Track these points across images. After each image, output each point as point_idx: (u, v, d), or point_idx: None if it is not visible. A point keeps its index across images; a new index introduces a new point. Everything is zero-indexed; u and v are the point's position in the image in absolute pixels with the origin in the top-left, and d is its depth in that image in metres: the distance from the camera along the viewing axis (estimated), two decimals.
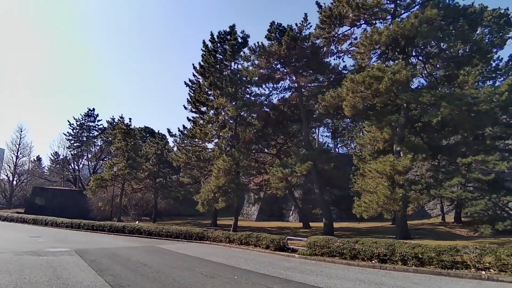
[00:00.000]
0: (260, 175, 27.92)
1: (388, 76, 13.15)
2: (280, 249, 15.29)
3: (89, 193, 31.53)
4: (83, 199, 43.55)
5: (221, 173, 22.73)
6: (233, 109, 22.80)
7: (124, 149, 33.22)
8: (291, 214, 44.54)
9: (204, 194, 22.93)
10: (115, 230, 24.44)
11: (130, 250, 14.83)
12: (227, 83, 24.07)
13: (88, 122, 60.53)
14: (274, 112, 25.11)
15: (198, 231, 20.23)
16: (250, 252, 15.67)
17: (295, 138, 31.82)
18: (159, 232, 21.96)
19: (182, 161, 31.65)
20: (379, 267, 10.81)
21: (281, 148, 32.16)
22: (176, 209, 48.62)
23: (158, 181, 36.79)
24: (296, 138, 31.67)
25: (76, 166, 57.02)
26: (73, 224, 28.11)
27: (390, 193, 12.85)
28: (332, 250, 12.64)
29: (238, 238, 17.71)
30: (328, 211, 22.30)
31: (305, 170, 18.37)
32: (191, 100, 30.95)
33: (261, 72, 22.48)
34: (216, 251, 15.69)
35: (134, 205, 42.30)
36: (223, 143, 24.72)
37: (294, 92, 24.75)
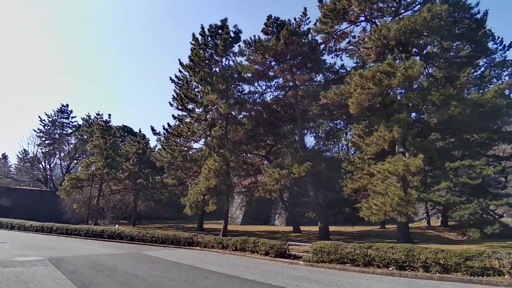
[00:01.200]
0: (249, 177, 26.69)
1: (400, 72, 12.52)
2: (280, 256, 14.16)
3: (63, 194, 28.94)
4: (55, 200, 40.37)
5: (211, 174, 21.33)
6: (225, 106, 21.50)
7: (103, 147, 30.91)
8: (277, 217, 43.63)
9: (193, 196, 21.41)
10: (92, 234, 22.34)
11: (113, 258, 13.14)
12: (218, 79, 22.76)
13: (61, 118, 56.73)
14: (267, 111, 24.06)
15: (187, 236, 18.71)
16: (248, 259, 14.42)
17: (286, 140, 30.94)
18: (142, 237, 20.20)
19: (166, 161, 29.84)
20: (399, 274, 9.93)
21: (270, 149, 31.15)
22: (156, 212, 46.35)
23: (139, 182, 34.65)
24: (287, 139, 30.80)
25: (47, 165, 53.11)
26: (44, 227, 25.59)
27: (404, 195, 12.15)
28: (343, 256, 11.68)
29: (232, 244, 16.41)
30: (323, 214, 21.46)
31: (303, 171, 17.43)
32: (178, 96, 29.31)
33: (255, 68, 21.37)
34: (211, 258, 14.31)
35: (112, 208, 39.76)
36: (213, 142, 23.30)
37: (288, 91, 23.85)
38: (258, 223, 42.51)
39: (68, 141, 56.14)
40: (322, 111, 23.20)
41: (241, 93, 24.73)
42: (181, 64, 31.14)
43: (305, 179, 22.42)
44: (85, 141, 54.28)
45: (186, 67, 25.20)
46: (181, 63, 31.14)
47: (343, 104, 20.64)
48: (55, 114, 55.90)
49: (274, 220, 44.48)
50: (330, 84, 21.18)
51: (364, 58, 16.83)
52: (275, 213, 45.24)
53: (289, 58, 21.54)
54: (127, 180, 33.27)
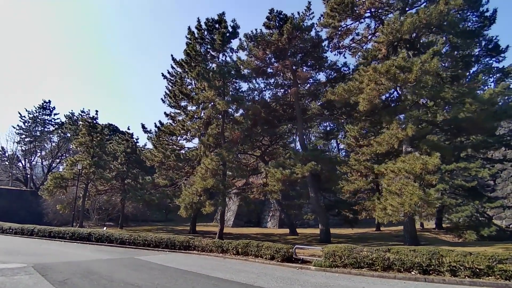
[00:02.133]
0: (245, 178, 25.77)
1: (417, 66, 11.97)
2: (287, 260, 13.31)
3: (45, 194, 27.09)
4: (36, 200, 38.16)
5: (208, 174, 20.27)
6: (223, 103, 20.50)
7: (89, 145, 29.20)
8: (269, 220, 42.79)
9: (188, 197, 20.26)
10: (79, 237, 20.81)
11: (106, 264, 11.92)
12: (215, 75, 21.74)
13: (42, 115, 54.02)
14: (265, 110, 23.20)
15: (183, 240, 17.57)
16: (252, 264, 13.47)
17: (282, 140, 30.20)
18: (134, 241, 18.91)
19: (157, 160, 28.50)
20: (424, 279, 9.26)
21: (266, 150, 30.33)
22: (143, 214, 44.67)
23: (127, 182, 33.05)
24: (283, 139, 30.07)
25: (27, 164, 50.30)
26: (25, 230, 23.79)
27: (424, 195, 11.60)
28: (358, 260, 10.94)
29: (234, 247, 15.42)
30: (324, 216, 20.77)
31: (307, 171, 16.66)
32: (171, 93, 28.07)
33: (256, 64, 20.47)
34: (212, 263, 13.29)
35: (97, 209, 37.88)
36: (209, 140, 22.21)
37: (287, 89, 23.07)
38: (249, 226, 41.61)
39: (51, 139, 53.46)
40: (321, 111, 22.57)
41: (237, 91, 23.79)
42: (173, 60, 29.94)
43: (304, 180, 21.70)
44: (68, 140, 51.89)
45: (181, 62, 24.07)
46: (174, 59, 29.93)
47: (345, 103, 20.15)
48: (36, 110, 53.21)
49: (266, 222, 43.64)
50: (332, 82, 20.56)
51: (372, 54, 16.24)
52: (266, 215, 44.41)
53: (290, 55, 20.79)
54: (115, 180, 31.65)
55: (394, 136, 13.06)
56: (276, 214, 41.49)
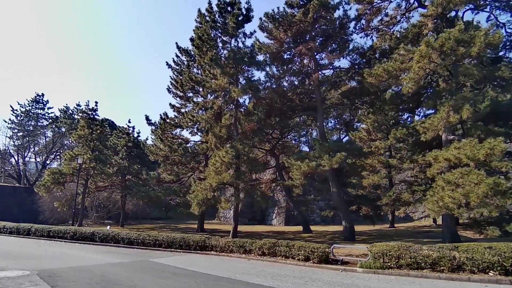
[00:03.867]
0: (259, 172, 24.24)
1: (480, 38, 10.58)
2: (325, 261, 11.86)
3: (42, 190, 25.18)
4: (30, 198, 36.11)
5: (223, 168, 18.70)
6: (238, 91, 18.91)
7: (88, 138, 27.30)
8: (274, 217, 41.42)
9: (201, 193, 18.66)
10: (81, 237, 19.12)
11: (122, 269, 10.31)
12: (228, 61, 20.14)
13: (36, 109, 51.59)
14: (280, 99, 21.62)
15: (199, 239, 15.99)
16: (285, 266, 11.98)
17: (293, 133, 28.71)
18: (143, 241, 17.28)
19: (162, 154, 26.82)
20: (509, 281, 7.88)
21: (276, 143, 28.83)
22: (143, 212, 42.91)
23: (128, 178, 31.27)
24: (294, 132, 28.57)
25: (20, 159, 47.94)
26: (21, 229, 21.98)
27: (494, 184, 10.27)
28: (418, 260, 9.53)
29: (259, 248, 13.91)
30: (348, 212, 19.35)
31: (336, 162, 15.18)
32: (177, 83, 26.34)
33: (276, 48, 18.80)
34: (240, 266, 11.77)
35: (96, 206, 36.02)
36: (222, 132, 20.62)
37: (304, 77, 21.51)
38: (253, 223, 40.22)
39: (44, 134, 51.12)
40: (341, 100, 21.11)
41: (249, 80, 22.15)
42: (178, 48, 28.26)
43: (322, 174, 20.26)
44: (62, 134, 49.70)
45: (193, 45, 22.15)
46: (179, 47, 28.25)
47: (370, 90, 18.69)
48: (29, 104, 50.74)
49: (271, 219, 42.23)
50: (356, 68, 19.06)
51: (413, 32, 14.64)
52: (271, 213, 43.03)
53: (310, 38, 19.12)
54: (115, 176, 29.85)
55: (445, 120, 11.67)
56: (281, 211, 40.16)
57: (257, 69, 22.10)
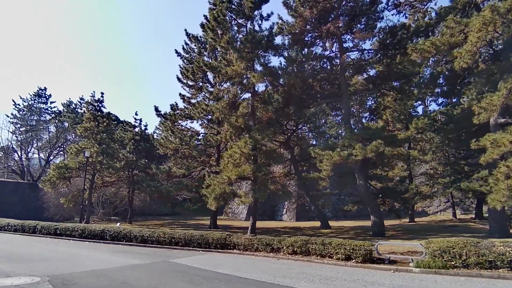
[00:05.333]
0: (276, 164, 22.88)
1: None
2: (369, 260, 10.53)
3: (47, 186, 23.93)
4: (34, 194, 34.93)
5: (242, 159, 17.33)
6: (257, 76, 17.48)
7: (95, 131, 25.96)
8: (285, 212, 40.19)
9: (218, 187, 17.35)
10: (90, 235, 17.88)
11: (144, 273, 9.00)
12: (246, 44, 18.66)
13: (38, 103, 50.28)
14: (301, 86, 20.13)
15: (219, 237, 14.66)
16: (324, 266, 10.64)
17: (309, 123, 27.27)
18: (158, 239, 16.01)
19: (173, 147, 25.50)
20: None
21: (291, 134, 27.44)
22: (150, 208, 41.78)
23: (135, 173, 29.99)
24: (310, 123, 27.12)
25: (23, 155, 46.74)
26: (26, 227, 20.78)
27: None
28: (491, 259, 8.19)
29: (289, 245, 12.58)
30: (376, 206, 17.98)
31: (371, 152, 13.79)
32: (188, 71, 24.90)
33: (300, 26, 17.23)
34: (273, 267, 10.45)
35: (102, 202, 34.85)
36: (238, 122, 19.22)
37: (326, 61, 20.03)
38: (263, 219, 38.97)
39: (48, 129, 49.86)
40: (367, 85, 19.62)
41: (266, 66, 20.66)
42: (187, 35, 26.80)
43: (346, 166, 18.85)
44: (66, 129, 48.46)
45: (207, 28, 20.58)
46: (188, 34, 26.78)
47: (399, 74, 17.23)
48: (32, 98, 49.38)
49: (281, 215, 41.01)
50: (386, 49, 17.47)
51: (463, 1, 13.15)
52: (281, 208, 41.78)
53: (335, 17, 17.50)
54: (123, 170, 28.57)
55: (505, 99, 10.24)
56: (292, 207, 38.91)
57: (274, 55, 20.60)
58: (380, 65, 17.73)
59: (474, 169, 26.59)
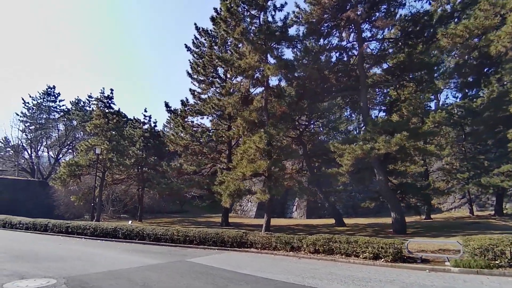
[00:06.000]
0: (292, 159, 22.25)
1: None
2: (400, 259, 9.89)
3: (58, 183, 23.71)
4: (44, 192, 34.90)
5: (257, 155, 16.75)
6: (272, 68, 16.87)
7: (105, 127, 25.63)
8: (295, 209, 39.49)
9: (232, 184, 16.82)
10: (102, 233, 17.55)
11: (164, 275, 8.50)
12: (260, 35, 18.03)
13: (47, 101, 50.36)
14: (316, 78, 19.40)
15: (235, 235, 14.15)
16: (348, 265, 10.04)
17: (322, 118, 26.54)
18: (171, 237, 15.57)
19: (183, 144, 25.04)
20: None
21: (304, 130, 26.76)
22: (159, 206, 41.54)
23: (145, 170, 29.67)
24: (324, 118, 26.39)
25: (33, 153, 46.87)
26: (37, 225, 20.55)
27: None
28: None
29: (310, 244, 12.01)
30: (396, 202, 17.27)
31: (395, 145, 13.09)
32: (198, 65, 24.37)
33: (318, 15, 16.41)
34: (297, 267, 9.87)
35: (112, 200, 34.67)
36: (252, 116, 18.64)
37: (342, 52, 19.25)
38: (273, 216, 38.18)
39: (57, 127, 49.95)
40: (386, 77, 18.85)
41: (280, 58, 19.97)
42: (197, 29, 26.21)
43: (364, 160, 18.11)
44: (74, 128, 48.46)
45: (219, 20, 19.98)
46: (198, 28, 26.19)
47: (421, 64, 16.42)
48: (41, 96, 49.49)
49: (291, 212, 40.30)
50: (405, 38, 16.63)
51: None
52: (290, 205, 41.09)
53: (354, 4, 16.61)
54: (133, 167, 28.25)
55: None
56: (303, 204, 38.20)
57: (288, 46, 19.98)
58: (400, 55, 16.92)
59: (494, 164, 25.72)
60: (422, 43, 15.72)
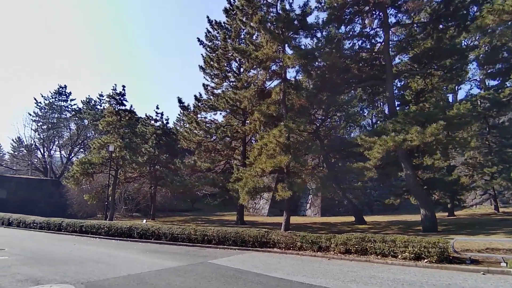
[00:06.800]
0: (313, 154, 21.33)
1: None
2: (446, 260, 8.95)
3: (71, 182, 23.34)
4: (57, 191, 34.81)
5: (277, 150, 15.90)
6: (292, 57, 15.96)
7: (117, 125, 25.13)
8: (308, 207, 38.45)
9: (251, 181, 16.03)
10: (117, 233, 16.99)
11: (189, 279, 7.74)
12: (277, 24, 17.14)
13: (58, 101, 50.46)
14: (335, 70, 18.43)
15: (257, 234, 13.34)
16: (387, 267, 9.12)
17: (340, 112, 25.49)
18: (189, 236, 14.87)
19: (196, 140, 24.38)
20: None
21: (322, 124, 25.78)
22: (171, 204, 41.08)
23: (158, 168, 29.15)
24: (342, 111, 25.34)
25: (46, 152, 47.01)
26: (51, 224, 20.17)
27: None
28: None
29: (341, 243, 11.12)
30: (426, 198, 16.22)
31: (430, 135, 12.06)
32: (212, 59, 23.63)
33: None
34: (331, 269, 9.00)
35: (124, 199, 34.30)
36: (270, 110, 17.80)
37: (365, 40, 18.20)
38: None
39: (69, 126, 50.01)
40: (411, 65, 17.75)
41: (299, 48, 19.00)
42: (210, 22, 25.43)
43: None
44: (86, 127, 48.42)
45: (235, 8, 19.20)
46: (210, 21, 25.40)
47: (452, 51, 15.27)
48: (52, 96, 49.61)
49: (304, 210, 39.25)
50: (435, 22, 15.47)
51: None
52: (304, 203, 40.08)
53: None
54: (146, 165, 27.74)
55: None
56: (316, 201, 37.17)
57: (306, 36, 18.97)
58: (429, 41, 15.80)
59: None
60: (455, 27, 14.60)
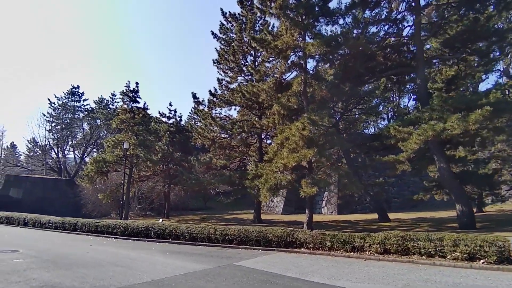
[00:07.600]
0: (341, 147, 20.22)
1: None
2: (507, 261, 7.87)
3: (85, 181, 22.97)
4: (72, 190, 34.73)
5: (300, 144, 14.93)
6: (316, 44, 14.93)
7: (131, 122, 24.61)
8: (324, 205, 37.20)
9: (273, 177, 15.13)
10: (133, 233, 16.36)
11: (220, 285, 6.91)
12: (298, 10, 16.15)
13: (72, 101, 50.72)
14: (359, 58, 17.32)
15: (281, 233, 12.40)
16: (435, 268, 8.05)
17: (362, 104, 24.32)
18: (208, 236, 14.06)
19: (211, 137, 23.65)
20: None
21: (341, 116, 24.66)
22: (184, 203, 40.58)
23: (171, 166, 28.59)
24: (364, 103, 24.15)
25: (60, 152, 47.30)
26: (66, 224, 19.76)
27: None
28: None
29: (377, 243, 10.11)
30: (463, 193, 15.00)
31: (473, 123, 10.91)
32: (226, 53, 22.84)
33: None
34: (374, 271, 8.00)
35: (138, 198, 33.92)
36: (291, 101, 16.86)
37: (392, 25, 17.01)
38: (300, 212, 36.39)
39: (82, 126, 50.22)
40: (442, 51, 16.48)
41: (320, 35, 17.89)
42: (223, 15, 24.60)
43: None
44: (99, 126, 48.48)
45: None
46: (224, 13, 24.56)
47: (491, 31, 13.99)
48: (66, 96, 49.92)
49: (320, 208, 37.94)
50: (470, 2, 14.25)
51: None
52: (319, 200, 38.80)
53: None
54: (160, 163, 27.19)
55: None
56: (333, 199, 35.94)
57: (327, 23, 17.90)
58: (463, 22, 14.55)
59: None
60: (495, 3, 13.36)
